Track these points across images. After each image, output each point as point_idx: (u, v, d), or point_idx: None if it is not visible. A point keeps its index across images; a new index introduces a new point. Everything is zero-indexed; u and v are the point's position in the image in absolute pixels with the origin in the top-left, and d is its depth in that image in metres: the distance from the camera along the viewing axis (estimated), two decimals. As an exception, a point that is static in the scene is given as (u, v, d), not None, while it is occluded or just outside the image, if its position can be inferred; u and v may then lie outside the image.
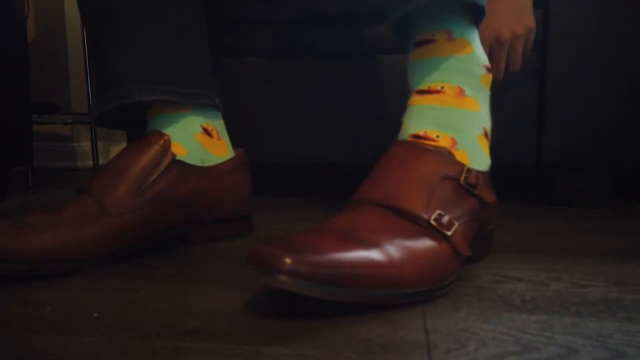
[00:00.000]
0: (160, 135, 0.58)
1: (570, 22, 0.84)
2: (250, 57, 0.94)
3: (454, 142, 0.49)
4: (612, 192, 0.90)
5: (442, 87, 0.51)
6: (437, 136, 0.49)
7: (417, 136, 0.50)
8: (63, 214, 0.51)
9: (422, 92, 0.52)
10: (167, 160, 0.57)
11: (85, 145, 1.95)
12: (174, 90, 0.60)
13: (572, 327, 0.37)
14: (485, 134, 0.53)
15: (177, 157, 0.58)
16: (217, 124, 0.65)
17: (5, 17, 1.11)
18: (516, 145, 0.89)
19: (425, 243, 0.43)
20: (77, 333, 0.36)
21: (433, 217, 0.44)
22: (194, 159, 0.61)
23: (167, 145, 0.58)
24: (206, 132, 0.63)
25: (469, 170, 0.48)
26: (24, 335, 0.36)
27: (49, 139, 1.90)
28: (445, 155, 0.48)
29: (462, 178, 0.47)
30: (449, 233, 0.44)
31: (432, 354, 0.33)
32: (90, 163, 1.93)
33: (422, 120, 0.51)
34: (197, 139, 0.62)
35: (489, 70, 0.53)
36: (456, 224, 0.45)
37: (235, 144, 0.69)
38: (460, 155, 0.49)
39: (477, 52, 0.53)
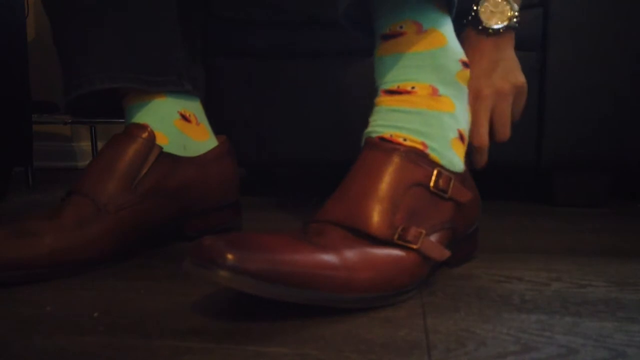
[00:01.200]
0: (143, 127, 0.58)
1: (570, 22, 0.84)
2: (249, 57, 0.94)
3: (424, 146, 0.46)
4: (612, 192, 0.90)
5: (413, 87, 0.47)
6: (405, 139, 0.46)
7: (382, 139, 0.46)
8: (61, 218, 0.51)
9: (391, 92, 0.48)
10: (155, 153, 0.57)
11: (85, 145, 1.95)
12: (138, 78, 0.59)
13: (572, 327, 0.37)
14: (461, 137, 0.49)
15: (161, 146, 0.58)
16: (195, 109, 0.65)
17: (5, 17, 1.11)
18: (516, 144, 0.88)
19: (387, 250, 0.41)
20: (77, 333, 0.36)
21: (397, 235, 0.42)
22: (176, 146, 0.61)
23: (151, 138, 0.58)
24: (184, 117, 0.63)
25: (440, 174, 0.46)
26: (24, 335, 0.36)
27: (49, 139, 1.90)
28: (415, 158, 0.45)
29: (432, 183, 0.45)
30: (416, 246, 0.42)
31: (432, 354, 0.33)
32: (90, 163, 1.92)
33: (389, 122, 0.47)
34: (176, 125, 0.62)
35: (465, 65, 0.50)
36: (424, 232, 0.43)
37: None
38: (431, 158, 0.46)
39: (452, 44, 0.49)
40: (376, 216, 0.42)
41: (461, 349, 0.33)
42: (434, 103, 0.47)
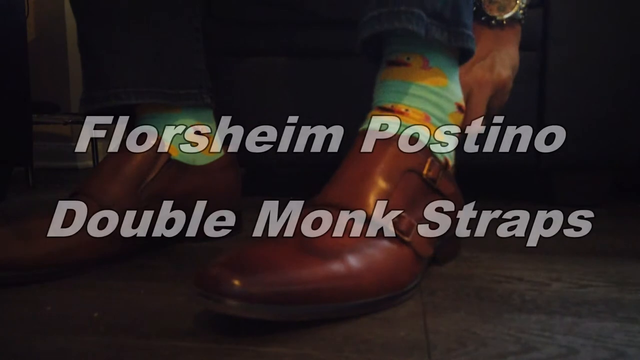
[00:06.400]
0: (152, 134, 0.58)
1: (570, 22, 0.84)
2: (249, 57, 0.94)
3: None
4: (612, 192, 0.90)
5: (407, 110, 0.48)
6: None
7: (383, 108, 0.49)
8: None
9: (384, 108, 0.49)
10: (163, 159, 0.58)
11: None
12: (163, 93, 0.59)
13: (572, 327, 0.37)
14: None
15: (169, 154, 0.58)
16: (208, 122, 0.65)
17: (5, 17, 1.11)
18: (516, 144, 0.88)
19: (385, 249, 0.41)
20: (77, 333, 0.36)
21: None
22: (185, 159, 0.61)
23: (161, 145, 0.58)
24: (196, 131, 0.63)
25: (432, 163, 0.47)
26: (24, 335, 0.36)
27: (49, 139, 1.90)
28: (408, 144, 0.46)
29: (425, 171, 0.46)
30: (408, 239, 0.42)
31: (432, 354, 0.33)
32: (90, 163, 1.92)
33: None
34: (188, 139, 0.62)
35: (460, 109, 0.51)
36: (415, 225, 0.43)
37: (233, 144, 0.69)
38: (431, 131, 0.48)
39: (452, 87, 0.50)
40: (372, 200, 0.43)
41: (461, 349, 0.33)
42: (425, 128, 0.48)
